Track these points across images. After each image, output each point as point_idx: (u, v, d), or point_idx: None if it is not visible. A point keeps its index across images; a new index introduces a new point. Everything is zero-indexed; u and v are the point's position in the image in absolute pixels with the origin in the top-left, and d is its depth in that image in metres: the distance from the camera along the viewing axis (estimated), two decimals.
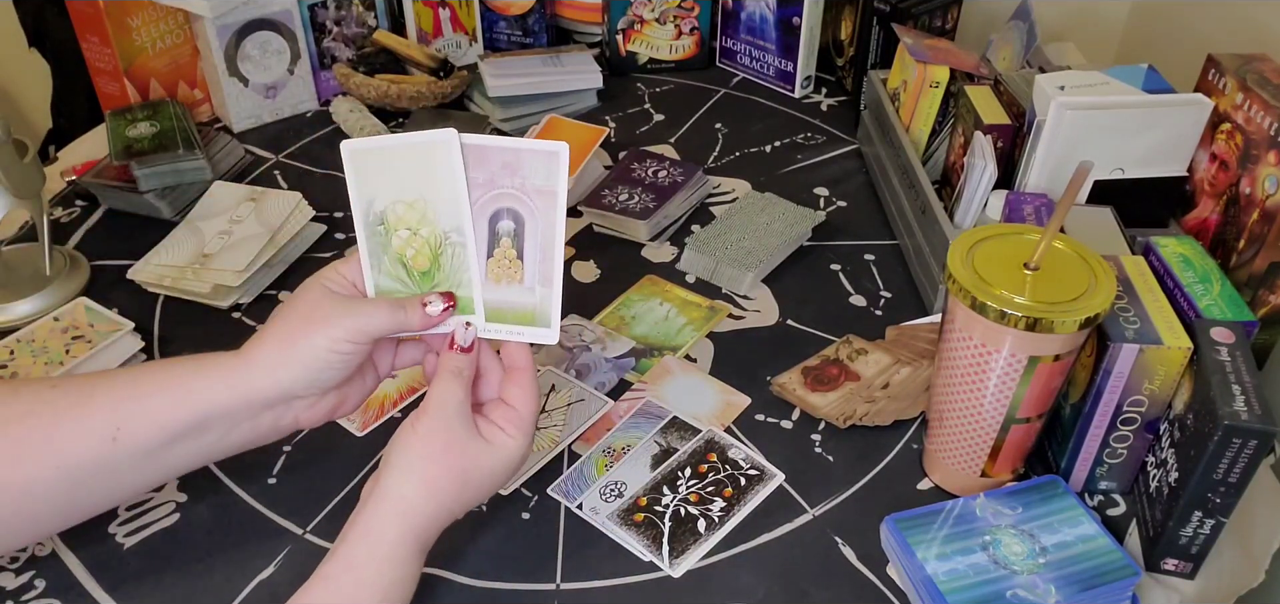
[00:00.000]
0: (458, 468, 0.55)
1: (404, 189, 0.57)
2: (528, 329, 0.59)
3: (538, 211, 0.57)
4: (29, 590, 0.61)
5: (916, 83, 0.92)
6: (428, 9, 1.20)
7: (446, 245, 0.58)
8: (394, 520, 0.53)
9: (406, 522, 0.53)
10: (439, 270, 0.58)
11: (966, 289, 0.58)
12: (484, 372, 0.60)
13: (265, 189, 0.94)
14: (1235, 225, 0.75)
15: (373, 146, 0.57)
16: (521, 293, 0.58)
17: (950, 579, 0.58)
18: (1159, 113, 0.76)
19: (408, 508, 0.53)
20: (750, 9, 1.20)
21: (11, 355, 0.75)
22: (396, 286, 0.59)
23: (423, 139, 0.56)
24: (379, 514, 0.53)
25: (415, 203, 0.57)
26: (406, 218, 0.58)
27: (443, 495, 0.54)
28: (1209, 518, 0.59)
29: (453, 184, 0.56)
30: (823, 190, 1.02)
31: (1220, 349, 0.59)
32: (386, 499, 0.54)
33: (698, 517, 0.65)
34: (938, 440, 0.67)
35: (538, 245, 0.58)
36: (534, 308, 0.59)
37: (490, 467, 0.56)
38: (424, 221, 0.57)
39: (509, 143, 0.57)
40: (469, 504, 0.56)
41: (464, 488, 0.55)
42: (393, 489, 0.54)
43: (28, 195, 0.83)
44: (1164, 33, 1.13)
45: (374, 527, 0.53)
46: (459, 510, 0.56)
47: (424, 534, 0.54)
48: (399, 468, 0.54)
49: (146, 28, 1.05)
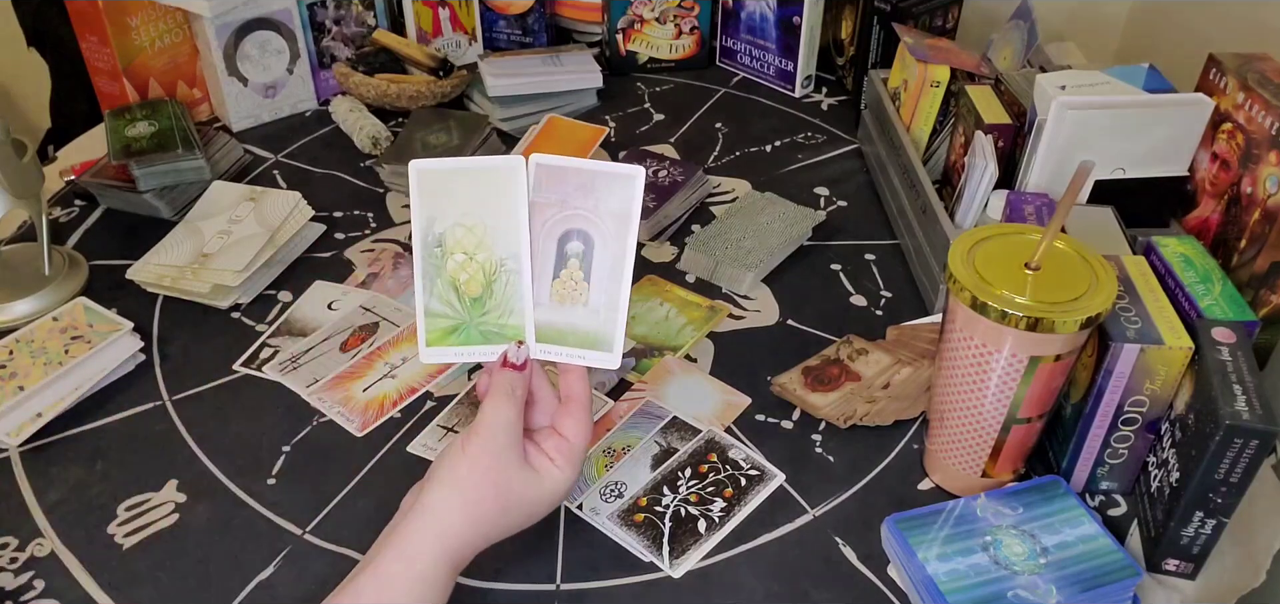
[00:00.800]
0: (501, 494, 0.54)
1: (466, 213, 0.57)
2: (589, 353, 0.58)
3: (610, 235, 0.57)
4: (28, 591, 0.61)
5: (917, 82, 0.92)
6: (427, 8, 1.20)
7: (501, 272, 0.57)
8: (432, 541, 0.52)
9: (444, 543, 0.53)
10: (490, 297, 0.58)
11: (967, 289, 0.58)
12: (538, 398, 0.59)
13: (264, 189, 0.94)
14: (1236, 225, 0.75)
15: (440, 168, 0.57)
16: (586, 315, 0.57)
17: (951, 580, 0.57)
18: (1160, 112, 0.76)
19: (446, 529, 0.53)
20: (750, 8, 1.20)
21: (10, 355, 0.75)
22: (445, 311, 0.58)
23: (489, 164, 0.56)
24: (417, 532, 0.52)
25: (474, 227, 0.57)
26: (464, 242, 0.57)
27: (483, 521, 0.54)
28: (1210, 518, 0.59)
29: (514, 211, 0.56)
30: (823, 190, 1.02)
31: (1221, 349, 0.58)
32: (426, 517, 0.53)
33: (698, 517, 0.65)
34: (938, 440, 0.67)
35: (606, 269, 0.57)
36: (597, 332, 0.58)
37: (534, 497, 0.55)
38: (481, 247, 0.57)
39: (585, 164, 0.56)
40: (510, 529, 0.56)
41: (504, 514, 0.55)
42: (434, 508, 0.53)
43: (27, 195, 0.83)
44: (1164, 32, 1.13)
45: (411, 545, 0.52)
46: (497, 536, 0.55)
47: (460, 556, 0.54)
48: (444, 485, 0.54)
49: (146, 27, 1.05)
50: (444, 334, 0.58)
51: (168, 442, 0.72)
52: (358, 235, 0.94)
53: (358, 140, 1.07)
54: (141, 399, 0.75)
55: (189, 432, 0.72)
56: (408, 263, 0.90)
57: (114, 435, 0.72)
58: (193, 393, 0.76)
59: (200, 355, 0.80)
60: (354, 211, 0.98)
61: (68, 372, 0.74)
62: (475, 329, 0.58)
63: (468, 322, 0.58)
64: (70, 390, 0.74)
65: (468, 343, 0.58)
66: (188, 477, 0.69)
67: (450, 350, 0.59)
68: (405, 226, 0.96)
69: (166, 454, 0.71)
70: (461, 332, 0.58)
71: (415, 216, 0.58)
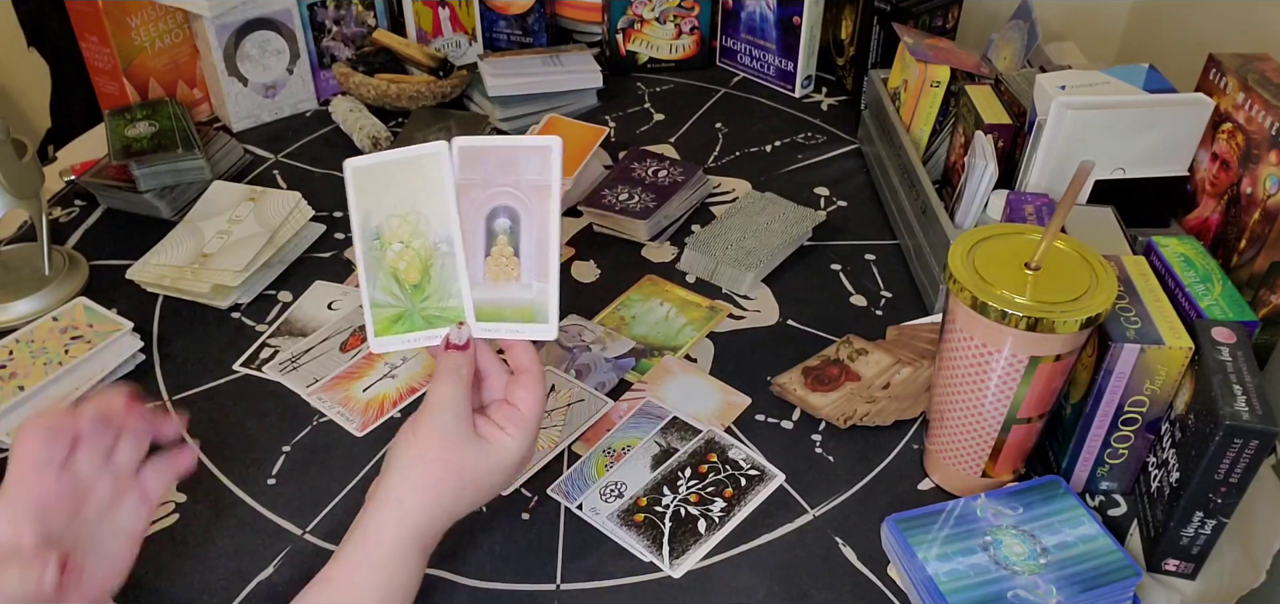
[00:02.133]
0: (455, 469, 0.55)
1: (398, 203, 0.58)
2: (527, 326, 0.59)
3: (533, 207, 0.58)
4: None
5: (917, 82, 0.92)
6: (427, 8, 1.20)
7: (436, 257, 0.58)
8: (392, 524, 0.53)
9: (405, 525, 0.53)
10: (429, 282, 0.59)
11: (967, 289, 0.58)
12: (487, 374, 0.60)
13: (264, 189, 0.94)
14: (1236, 225, 0.75)
15: (371, 163, 0.58)
16: (519, 290, 0.58)
17: (951, 580, 0.57)
18: (1160, 112, 0.76)
19: (405, 512, 0.53)
20: (750, 8, 1.20)
21: (10, 355, 0.75)
22: (389, 300, 0.59)
23: (415, 152, 0.57)
24: (378, 519, 0.53)
25: (408, 216, 0.58)
26: (399, 231, 0.58)
27: (441, 497, 0.54)
28: (1210, 518, 0.59)
29: (443, 196, 0.57)
30: (823, 190, 1.02)
31: (1221, 349, 0.58)
32: (386, 503, 0.54)
33: (698, 517, 0.65)
34: (938, 441, 0.67)
35: (534, 241, 0.58)
36: (532, 303, 0.59)
37: (489, 467, 0.56)
38: (416, 234, 0.58)
39: (504, 142, 0.58)
40: (471, 504, 0.56)
41: (462, 488, 0.55)
42: (391, 493, 0.54)
43: (27, 195, 0.83)
44: (1164, 32, 1.13)
45: (372, 531, 0.53)
46: (460, 510, 0.56)
47: (424, 536, 0.54)
48: (397, 470, 0.54)
49: (146, 27, 1.05)
50: (390, 323, 0.60)
51: None
52: None
53: (358, 140, 1.07)
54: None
55: (189, 431, 0.72)
56: None
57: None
58: (193, 393, 0.76)
59: (200, 355, 0.80)
60: None
61: (68, 371, 0.74)
62: (418, 315, 0.59)
63: (411, 308, 0.59)
64: (70, 390, 0.74)
65: (413, 329, 0.59)
66: (188, 476, 0.69)
67: (397, 339, 0.59)
68: None
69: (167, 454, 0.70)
70: (406, 319, 0.59)
71: (353, 213, 0.59)
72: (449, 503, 0.55)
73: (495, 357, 0.60)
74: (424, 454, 0.54)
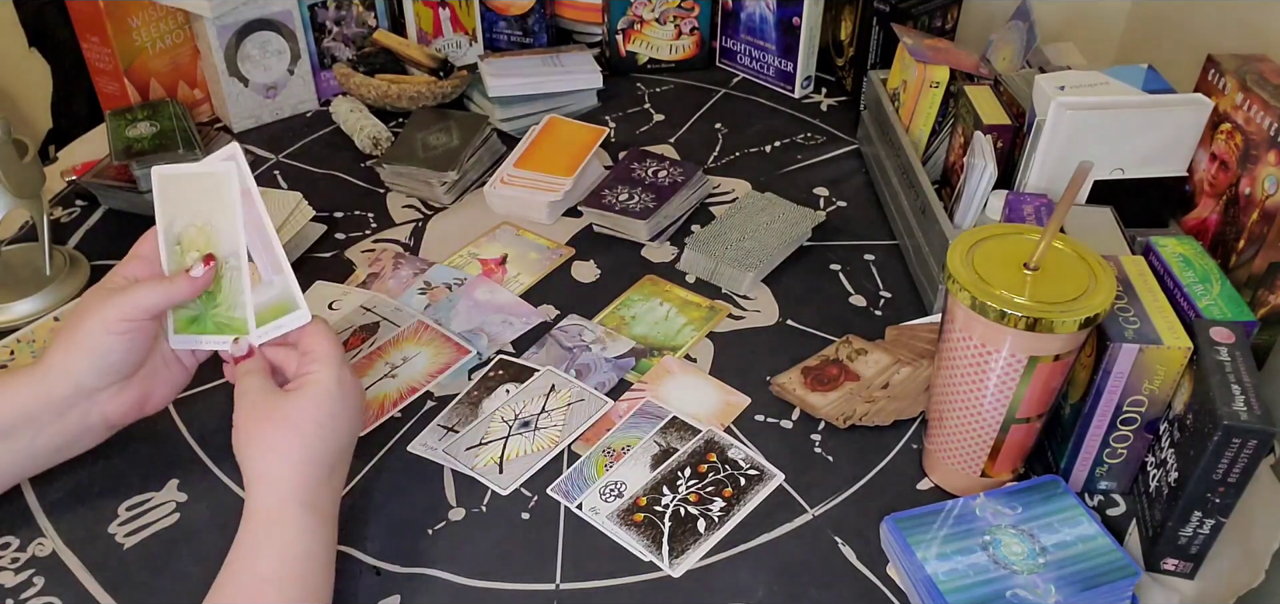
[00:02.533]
0: (282, 421, 0.57)
1: (196, 214, 0.62)
2: (285, 319, 0.62)
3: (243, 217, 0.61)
4: (28, 588, 0.61)
5: (916, 83, 0.93)
6: (428, 9, 1.20)
7: (226, 269, 0.62)
8: (261, 495, 0.56)
9: (274, 489, 0.56)
10: (220, 291, 0.62)
11: (966, 289, 0.58)
12: (281, 364, 0.63)
13: (265, 189, 0.94)
14: (1235, 225, 0.75)
15: (174, 173, 0.63)
16: (265, 290, 0.62)
17: (950, 579, 0.58)
18: (1159, 113, 0.76)
19: (264, 478, 0.57)
20: (750, 9, 1.20)
21: (11, 355, 0.75)
22: (189, 307, 0.63)
23: (206, 168, 0.62)
24: (249, 499, 0.57)
25: (203, 228, 0.62)
26: (197, 241, 0.62)
27: (288, 449, 0.57)
28: (1209, 518, 0.59)
29: (230, 211, 0.61)
30: (823, 190, 1.02)
31: (1220, 349, 0.59)
32: (249, 486, 0.57)
33: (698, 517, 0.65)
34: (938, 440, 0.67)
35: (257, 243, 0.62)
36: (280, 298, 0.62)
37: (313, 403, 0.58)
38: (210, 245, 0.62)
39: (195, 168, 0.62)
40: (325, 443, 0.58)
41: (301, 433, 0.57)
42: (248, 476, 0.57)
43: (28, 195, 0.83)
44: (1164, 33, 1.13)
45: (250, 509, 0.56)
46: (320, 453, 0.58)
47: (301, 491, 0.56)
48: (242, 462, 0.58)
49: (146, 27, 1.05)
50: (187, 323, 0.64)
51: (169, 441, 0.72)
52: (358, 235, 0.95)
53: (358, 141, 1.07)
54: None
55: (190, 431, 0.73)
56: (408, 263, 0.90)
57: (115, 435, 0.72)
58: (194, 392, 0.76)
59: None
60: (354, 212, 0.98)
61: None
62: (210, 319, 0.63)
63: (205, 312, 0.63)
64: None
65: (205, 332, 0.63)
66: (189, 476, 0.69)
67: (192, 338, 0.63)
68: (406, 226, 0.96)
69: (167, 454, 0.71)
70: (200, 321, 0.63)
71: (159, 217, 0.63)
72: (300, 451, 0.57)
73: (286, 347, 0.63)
74: (245, 432, 0.58)
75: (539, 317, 0.84)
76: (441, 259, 0.91)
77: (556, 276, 0.89)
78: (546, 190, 0.97)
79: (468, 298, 0.86)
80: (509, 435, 0.72)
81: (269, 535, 0.55)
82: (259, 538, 0.55)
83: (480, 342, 0.81)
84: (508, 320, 0.83)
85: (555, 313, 0.84)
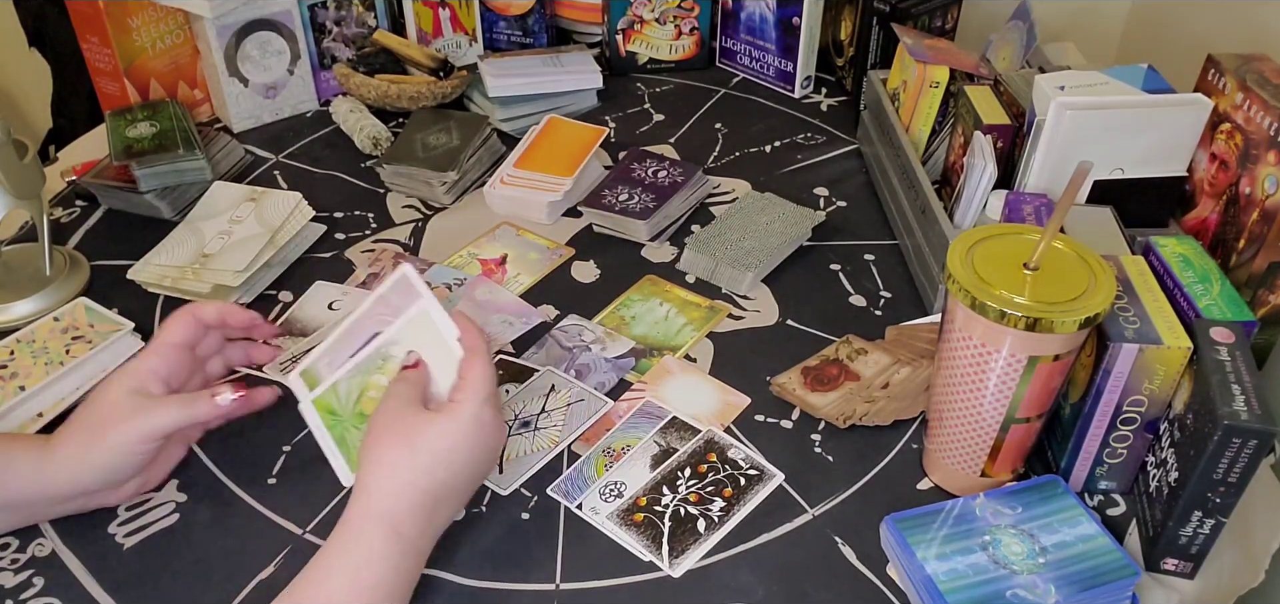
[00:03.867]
0: (403, 437, 0.56)
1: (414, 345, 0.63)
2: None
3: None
4: (28, 588, 0.61)
5: (916, 83, 0.93)
6: (428, 9, 1.20)
7: None
8: (356, 504, 0.56)
9: (368, 502, 0.55)
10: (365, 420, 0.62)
11: (966, 289, 0.58)
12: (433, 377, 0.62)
13: (265, 189, 0.94)
14: (1235, 225, 0.75)
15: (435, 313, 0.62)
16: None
17: (950, 579, 0.58)
18: (1159, 113, 0.76)
19: (364, 488, 0.56)
20: (750, 9, 1.20)
21: (11, 355, 0.75)
22: (343, 402, 0.64)
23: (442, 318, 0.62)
24: (349, 504, 0.56)
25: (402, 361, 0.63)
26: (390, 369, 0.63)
27: (395, 467, 0.56)
28: (1209, 518, 0.59)
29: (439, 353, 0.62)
30: (823, 190, 1.02)
31: (1220, 349, 0.59)
32: (354, 491, 0.56)
33: (697, 517, 0.65)
34: (937, 440, 0.67)
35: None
36: None
37: (443, 431, 0.57)
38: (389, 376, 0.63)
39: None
40: (437, 474, 0.56)
41: (415, 454, 0.56)
42: (358, 481, 0.57)
43: (28, 195, 0.83)
44: (1164, 33, 1.13)
45: (344, 516, 0.56)
46: (426, 484, 0.56)
47: (391, 514, 0.55)
48: (361, 463, 0.57)
49: (146, 28, 1.05)
50: (328, 410, 0.64)
51: None
52: (358, 235, 0.95)
53: (358, 141, 1.07)
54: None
55: None
56: (408, 263, 0.90)
57: None
58: None
59: None
60: (354, 212, 0.98)
61: (69, 371, 0.74)
62: (344, 431, 0.63)
63: (345, 421, 0.63)
64: (71, 390, 0.74)
65: (332, 434, 0.63)
66: (188, 476, 0.69)
67: (320, 428, 0.63)
68: (406, 226, 0.96)
69: None
70: (336, 424, 0.63)
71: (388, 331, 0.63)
72: (406, 472, 0.56)
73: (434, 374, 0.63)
74: (374, 435, 0.58)
75: (539, 316, 0.84)
76: (441, 259, 0.91)
77: (556, 277, 0.89)
78: (546, 190, 0.97)
79: (468, 298, 0.86)
80: (509, 435, 0.72)
81: (345, 551, 0.54)
82: (334, 553, 0.54)
83: None
84: (508, 320, 0.83)
85: (555, 313, 0.84)
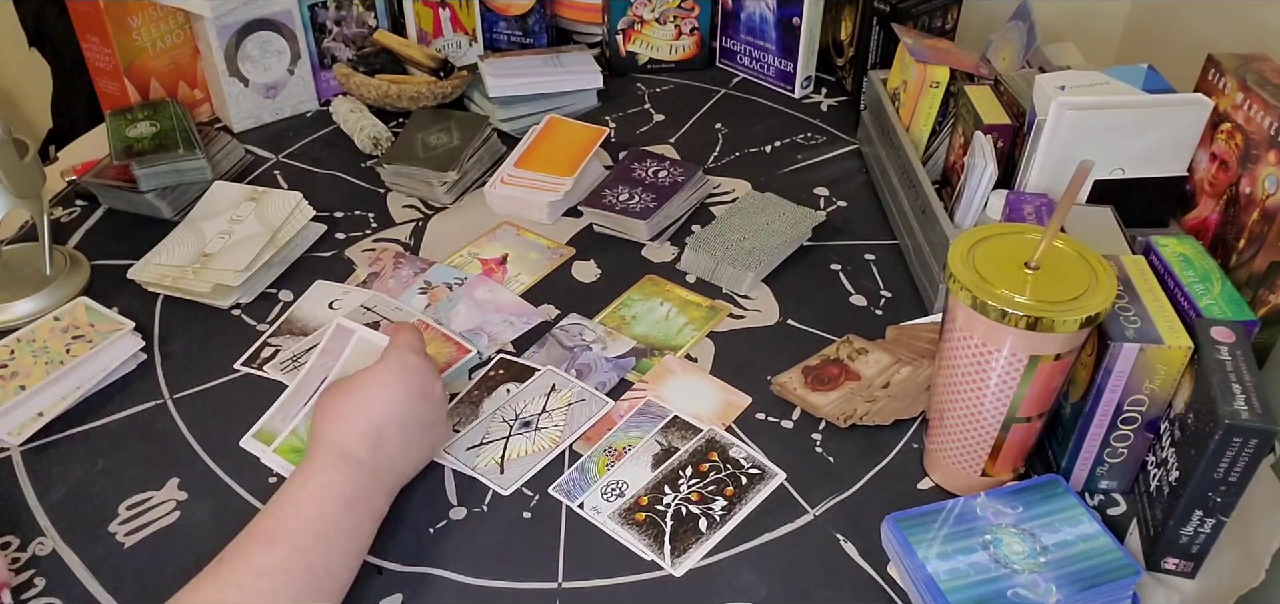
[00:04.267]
0: (341, 388, 0.62)
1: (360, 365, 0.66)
2: None
3: None
4: (29, 588, 0.61)
5: (916, 83, 0.93)
6: (428, 9, 1.20)
7: None
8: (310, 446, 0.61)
9: (318, 436, 0.61)
10: None
11: (967, 288, 0.58)
12: None
13: (265, 189, 0.94)
14: (1235, 225, 0.76)
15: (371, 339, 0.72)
16: None
17: (951, 578, 0.58)
18: (1159, 113, 0.76)
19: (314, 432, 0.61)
20: (750, 9, 1.20)
21: (12, 355, 0.75)
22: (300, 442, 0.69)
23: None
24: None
25: None
26: None
27: (335, 408, 0.61)
28: (1209, 517, 0.59)
29: None
30: (823, 190, 1.02)
31: (1220, 348, 0.59)
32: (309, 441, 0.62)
33: (699, 516, 0.65)
34: (938, 440, 0.67)
35: None
36: None
37: (372, 374, 0.62)
38: None
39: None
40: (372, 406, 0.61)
41: (350, 396, 0.62)
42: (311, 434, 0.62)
43: (28, 195, 0.83)
44: (1164, 33, 1.13)
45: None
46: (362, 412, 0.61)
47: (340, 440, 0.60)
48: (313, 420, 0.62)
49: (147, 28, 1.05)
50: (293, 450, 0.69)
51: (169, 440, 0.72)
52: (358, 235, 0.95)
53: (358, 141, 1.07)
54: (143, 398, 0.75)
55: (190, 430, 0.73)
56: (408, 262, 0.90)
57: (115, 434, 0.72)
58: (194, 392, 0.76)
59: (201, 355, 0.80)
60: (355, 212, 0.98)
61: (69, 371, 0.74)
62: None
63: None
64: (71, 390, 0.74)
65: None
66: (189, 475, 0.69)
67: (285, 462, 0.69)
68: (407, 226, 0.96)
69: (168, 453, 0.71)
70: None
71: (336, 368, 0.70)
72: (345, 407, 0.61)
73: None
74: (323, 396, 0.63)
75: (539, 316, 0.84)
76: (442, 259, 0.91)
77: (557, 276, 0.89)
78: (547, 190, 0.97)
79: (468, 298, 0.86)
80: (510, 435, 0.72)
81: (302, 475, 0.58)
82: (292, 480, 0.58)
83: (481, 341, 0.81)
84: (508, 320, 0.83)
85: (556, 313, 0.84)
